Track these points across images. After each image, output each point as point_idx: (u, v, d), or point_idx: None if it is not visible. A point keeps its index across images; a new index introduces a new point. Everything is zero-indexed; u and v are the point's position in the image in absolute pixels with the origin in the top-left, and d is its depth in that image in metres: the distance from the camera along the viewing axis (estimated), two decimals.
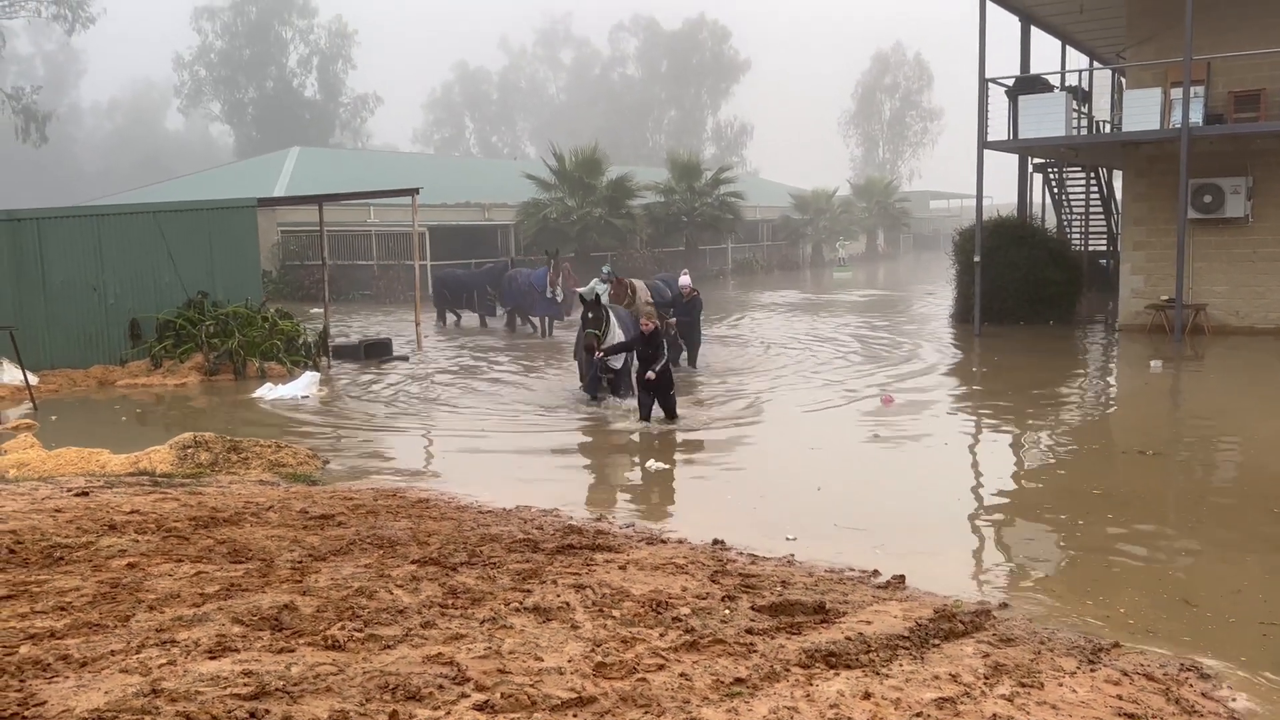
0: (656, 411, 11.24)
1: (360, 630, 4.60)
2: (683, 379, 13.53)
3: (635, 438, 10.66)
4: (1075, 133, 19.54)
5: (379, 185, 27.68)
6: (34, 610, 4.83)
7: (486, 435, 11.13)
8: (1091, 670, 4.51)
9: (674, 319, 14.94)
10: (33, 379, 13.82)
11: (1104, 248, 26.57)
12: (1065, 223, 25.93)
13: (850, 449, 10.23)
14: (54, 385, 14.47)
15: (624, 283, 14.73)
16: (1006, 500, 8.29)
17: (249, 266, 16.94)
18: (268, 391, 13.87)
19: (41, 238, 15.16)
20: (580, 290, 13.62)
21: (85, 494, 7.61)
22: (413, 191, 18.65)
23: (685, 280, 15.83)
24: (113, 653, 4.27)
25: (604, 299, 12.66)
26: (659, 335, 11.44)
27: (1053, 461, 9.67)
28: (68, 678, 4.05)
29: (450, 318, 23.96)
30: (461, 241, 33.61)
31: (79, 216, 16.09)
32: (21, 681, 4.00)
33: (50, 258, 15.21)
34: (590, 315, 11.96)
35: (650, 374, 11.01)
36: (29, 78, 64.71)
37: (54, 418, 12.36)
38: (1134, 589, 5.88)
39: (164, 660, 4.20)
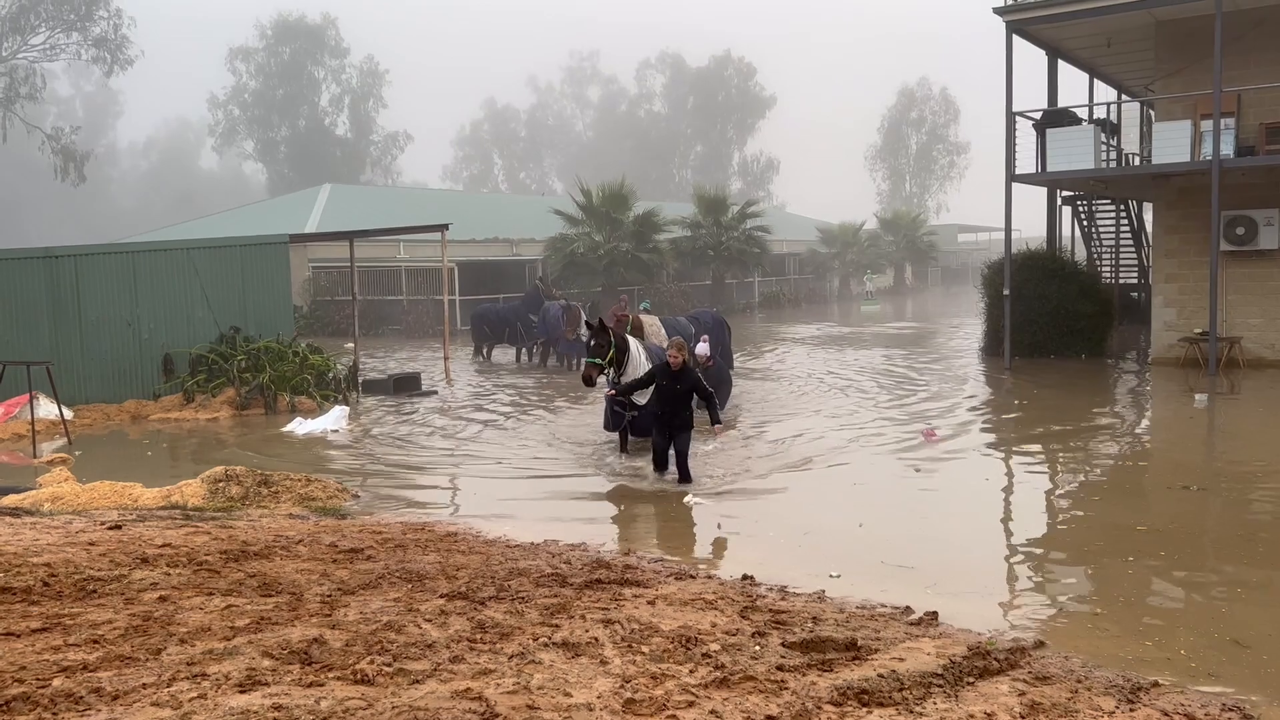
0: (670, 469, 10.06)
1: (389, 665, 4.59)
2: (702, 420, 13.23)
3: (645, 484, 10.08)
4: (1104, 165, 19.47)
5: (409, 221, 28.01)
6: (67, 643, 4.86)
7: (514, 470, 11.13)
8: (1130, 710, 4.41)
9: (711, 361, 13.21)
10: (68, 413, 14.01)
11: (1135, 280, 26.34)
12: (1095, 255, 25.75)
13: (891, 484, 10.06)
14: (88, 419, 14.65)
15: (624, 317, 13.48)
16: (1051, 536, 8.15)
17: (280, 302, 17.14)
18: (298, 425, 13.97)
19: (78, 274, 15.42)
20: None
21: (118, 527, 7.67)
22: (442, 227, 18.85)
23: (703, 349, 13.29)
24: (144, 686, 4.28)
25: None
26: (690, 372, 10.03)
27: (1097, 498, 9.44)
28: (100, 710, 4.06)
29: (485, 351, 23.73)
30: (490, 276, 33.85)
31: (115, 253, 16.37)
32: (55, 714, 4.01)
33: (86, 294, 15.47)
34: (594, 343, 10.51)
35: (625, 398, 10.43)
36: (68, 118, 66.17)
37: (86, 452, 12.50)
38: (1183, 628, 5.76)
39: (194, 694, 4.21)
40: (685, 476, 9.74)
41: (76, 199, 63.78)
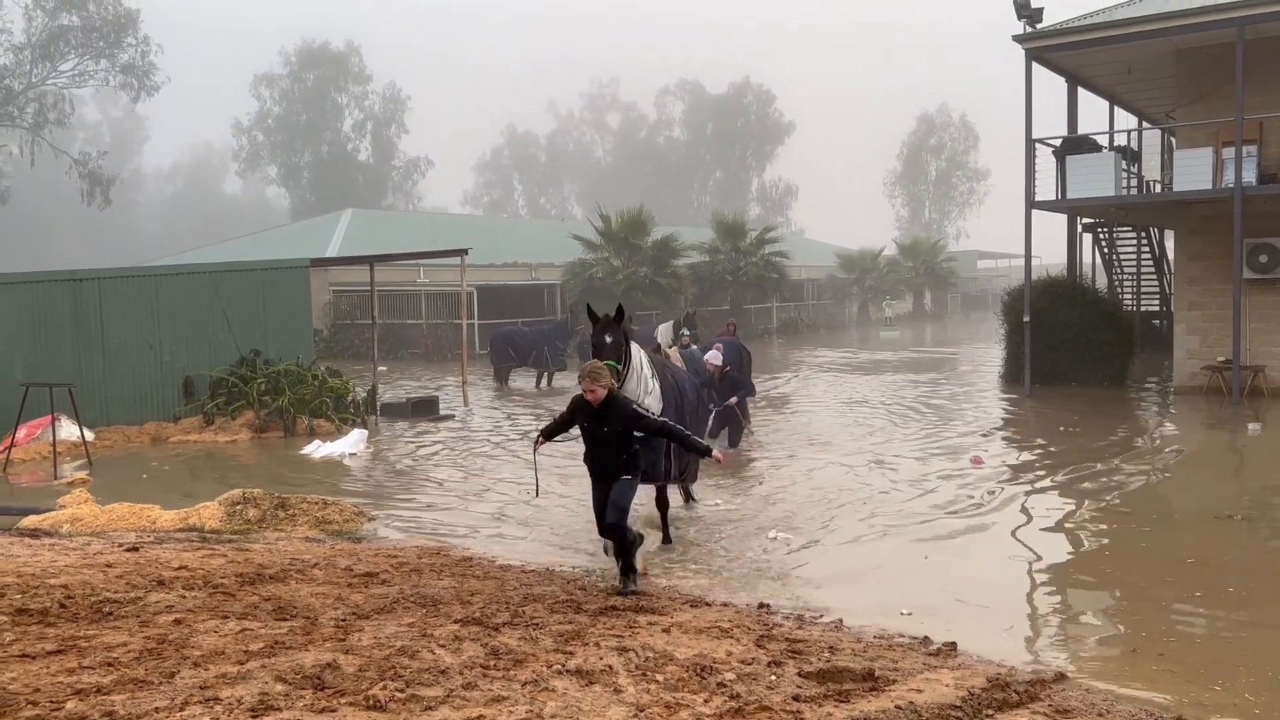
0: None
1: (402, 690, 4.57)
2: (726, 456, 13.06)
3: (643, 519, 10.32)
4: (1125, 193, 19.38)
5: (429, 246, 28.19)
6: (82, 665, 4.87)
7: (528, 495, 11.10)
8: None
9: (725, 369, 13.43)
10: (89, 435, 14.10)
11: (1157, 308, 26.16)
12: (1116, 282, 25.61)
13: (938, 515, 9.80)
14: (109, 441, 14.75)
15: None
16: (1099, 570, 7.94)
17: (301, 325, 17.24)
18: (316, 449, 14.01)
19: (102, 297, 15.58)
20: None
21: (135, 549, 7.70)
22: (462, 252, 18.94)
23: (714, 357, 13.27)
24: (157, 709, 4.27)
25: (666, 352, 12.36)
26: (621, 406, 8.01)
27: (1147, 529, 9.20)
28: None
29: (505, 376, 23.17)
30: (509, 301, 33.98)
31: (138, 276, 16.54)
32: None
33: (109, 316, 15.61)
34: (610, 339, 7.90)
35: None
36: (95, 143, 67.16)
37: (105, 474, 12.57)
38: (1242, 667, 5.59)
39: (207, 718, 4.20)
40: (620, 539, 7.03)
41: (102, 223, 64.55)
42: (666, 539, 8.64)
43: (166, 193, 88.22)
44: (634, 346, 8.23)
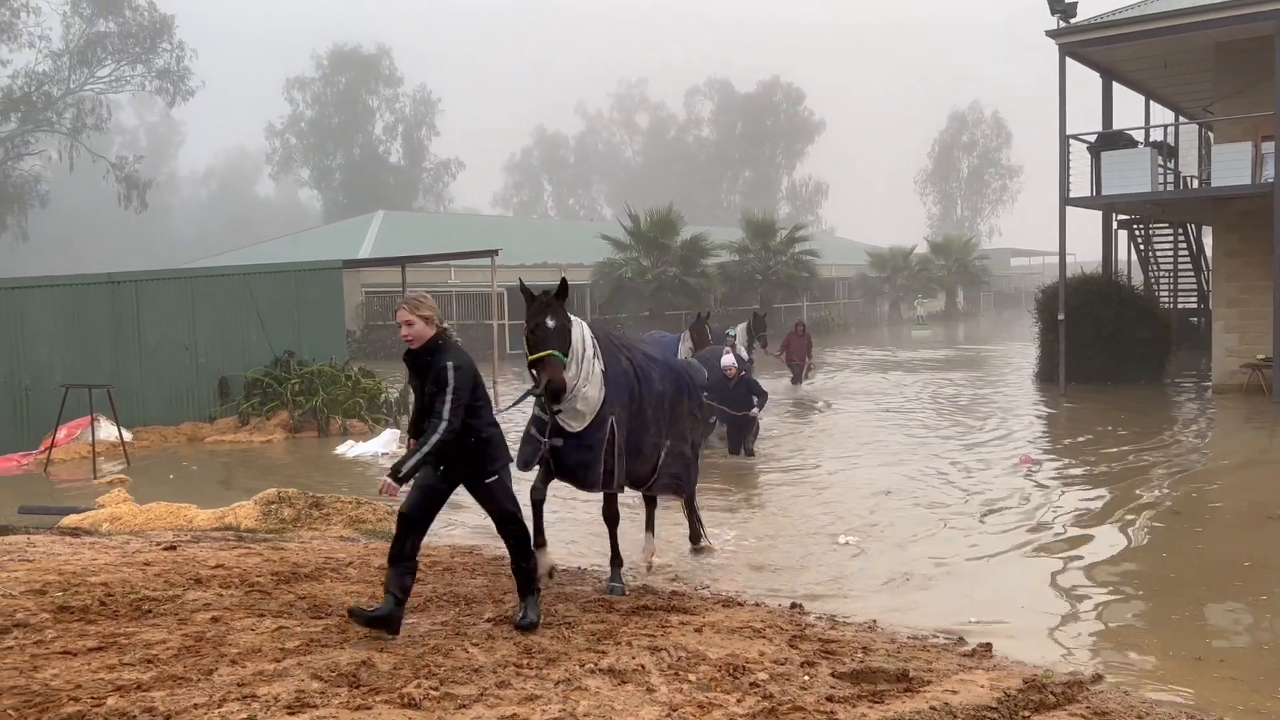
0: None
1: (436, 689, 4.59)
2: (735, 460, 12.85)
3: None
4: (1161, 188, 19.14)
5: (460, 247, 28.32)
6: (122, 662, 4.93)
7: (559, 494, 11.12)
8: None
9: (740, 372, 13.13)
10: (127, 435, 14.31)
11: (1194, 305, 25.80)
12: (1153, 280, 25.28)
13: (989, 515, 9.63)
14: (146, 441, 14.95)
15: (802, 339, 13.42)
16: (1155, 572, 7.76)
17: (334, 326, 17.40)
18: (349, 448, 14.13)
19: (139, 299, 15.80)
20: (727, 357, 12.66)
21: (173, 548, 7.79)
22: (492, 253, 19.03)
23: (729, 360, 12.88)
24: (195, 706, 4.32)
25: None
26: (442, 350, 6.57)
27: (1199, 529, 9.03)
28: None
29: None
30: None
31: (173, 279, 16.75)
32: None
33: (146, 318, 15.82)
34: (554, 324, 6.32)
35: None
36: (132, 148, 68.06)
37: (143, 473, 12.74)
38: None
39: (244, 715, 4.24)
40: (517, 560, 5.81)
41: (139, 226, 65.46)
42: (615, 562, 6.90)
43: (201, 196, 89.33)
44: (577, 325, 6.64)
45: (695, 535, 8.25)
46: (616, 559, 6.91)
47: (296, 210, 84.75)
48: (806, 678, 4.95)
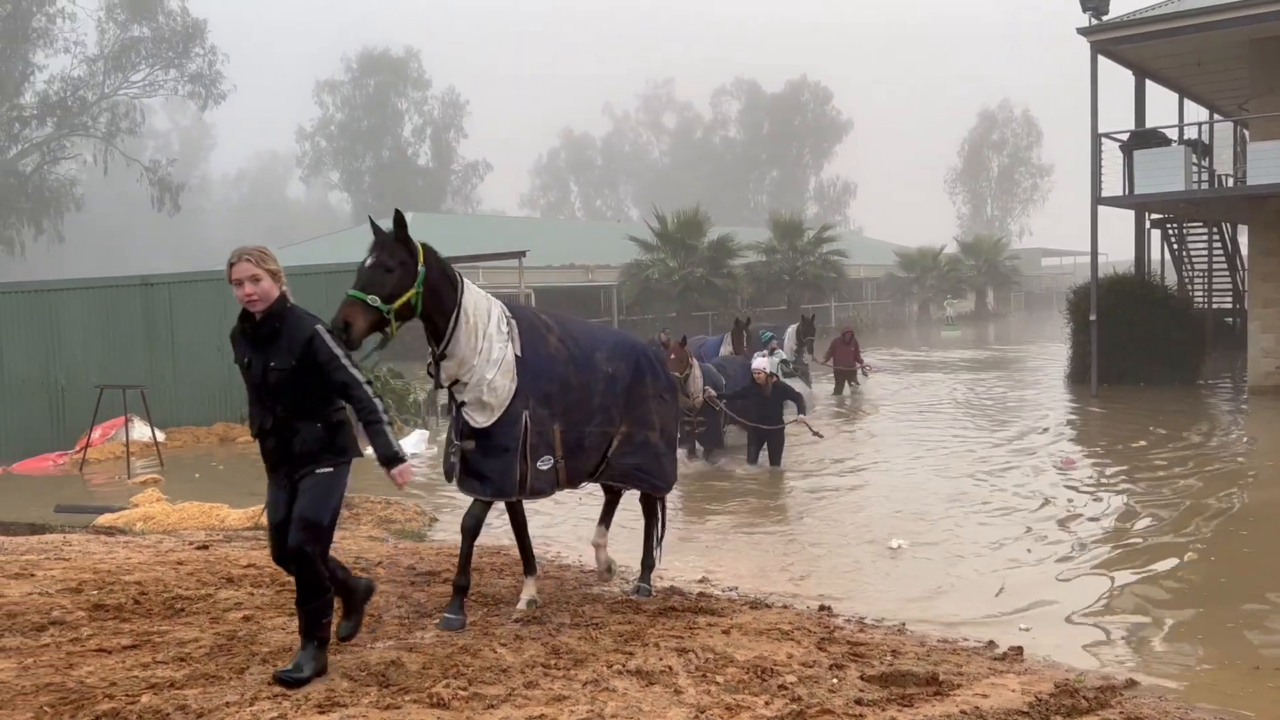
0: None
1: (464, 689, 4.61)
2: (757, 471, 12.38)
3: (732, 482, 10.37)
4: (1195, 187, 18.89)
5: (488, 248, 28.39)
6: (155, 660, 4.99)
7: (585, 495, 11.13)
8: None
9: (772, 377, 12.51)
10: (160, 436, 14.48)
11: (1229, 305, 25.45)
12: (1187, 280, 24.95)
13: (1032, 517, 9.50)
14: (179, 442, 15.12)
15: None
16: (1206, 576, 7.63)
17: None
18: None
19: (172, 301, 15.98)
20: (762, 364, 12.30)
21: (205, 547, 7.88)
22: (519, 254, 19.09)
23: (760, 363, 12.50)
24: (227, 704, 4.36)
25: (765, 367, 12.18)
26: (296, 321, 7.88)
27: (1245, 532, 8.85)
28: None
29: None
30: (566, 302, 34.17)
31: (206, 281, 16.92)
32: None
33: (179, 320, 16.00)
34: (380, 262, 5.56)
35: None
36: (165, 151, 68.90)
37: (176, 473, 12.89)
38: None
39: (275, 714, 4.28)
40: (309, 577, 4.70)
41: (172, 228, 66.22)
42: (529, 569, 6.29)
43: (233, 199, 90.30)
44: (470, 290, 5.78)
45: (648, 557, 6.85)
46: (462, 578, 5.84)
47: (326, 212, 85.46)
48: (835, 680, 4.93)
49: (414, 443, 14.33)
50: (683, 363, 11.89)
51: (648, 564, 6.86)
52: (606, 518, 7.27)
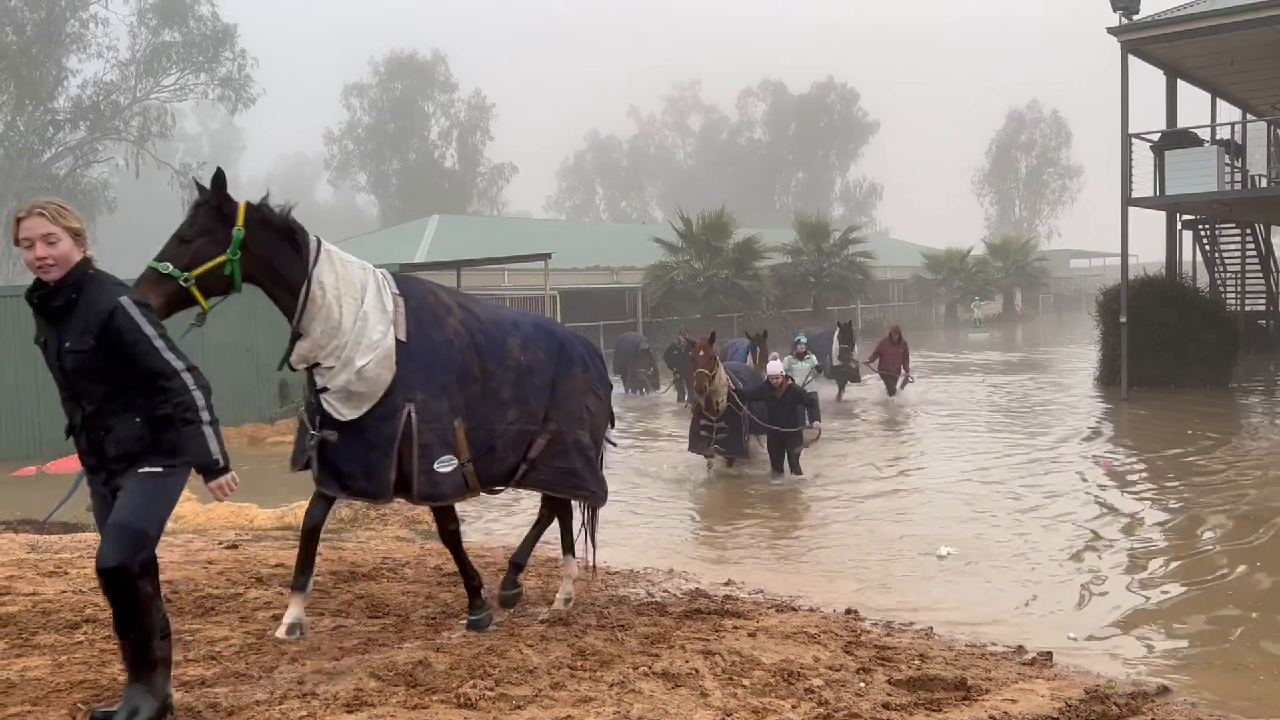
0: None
1: (491, 689, 4.63)
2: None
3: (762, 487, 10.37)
4: (1228, 188, 18.66)
5: (513, 251, 28.52)
6: (186, 658, 5.04)
7: (614, 497, 11.14)
8: None
9: (787, 380, 12.22)
10: None
11: (1263, 308, 25.11)
12: (1219, 281, 24.64)
13: (1073, 523, 9.43)
14: None
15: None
16: (1256, 590, 7.46)
17: None
18: None
19: None
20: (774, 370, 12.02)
21: (235, 547, 7.95)
22: (545, 256, 19.15)
23: (775, 367, 12.30)
24: (257, 703, 4.40)
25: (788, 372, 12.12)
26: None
27: None
28: None
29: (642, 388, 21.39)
30: (591, 304, 34.22)
31: None
32: None
33: (210, 322, 16.09)
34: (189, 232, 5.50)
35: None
36: (195, 155, 69.62)
37: None
38: None
39: (304, 713, 4.31)
40: (126, 600, 3.80)
41: None
42: (471, 592, 5.66)
43: None
44: (333, 259, 5.24)
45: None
46: (300, 579, 5.33)
47: (354, 215, 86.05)
48: (862, 684, 4.91)
49: None
50: (711, 361, 11.68)
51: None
52: (567, 543, 6.48)
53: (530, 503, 10.98)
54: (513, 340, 5.62)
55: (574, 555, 6.41)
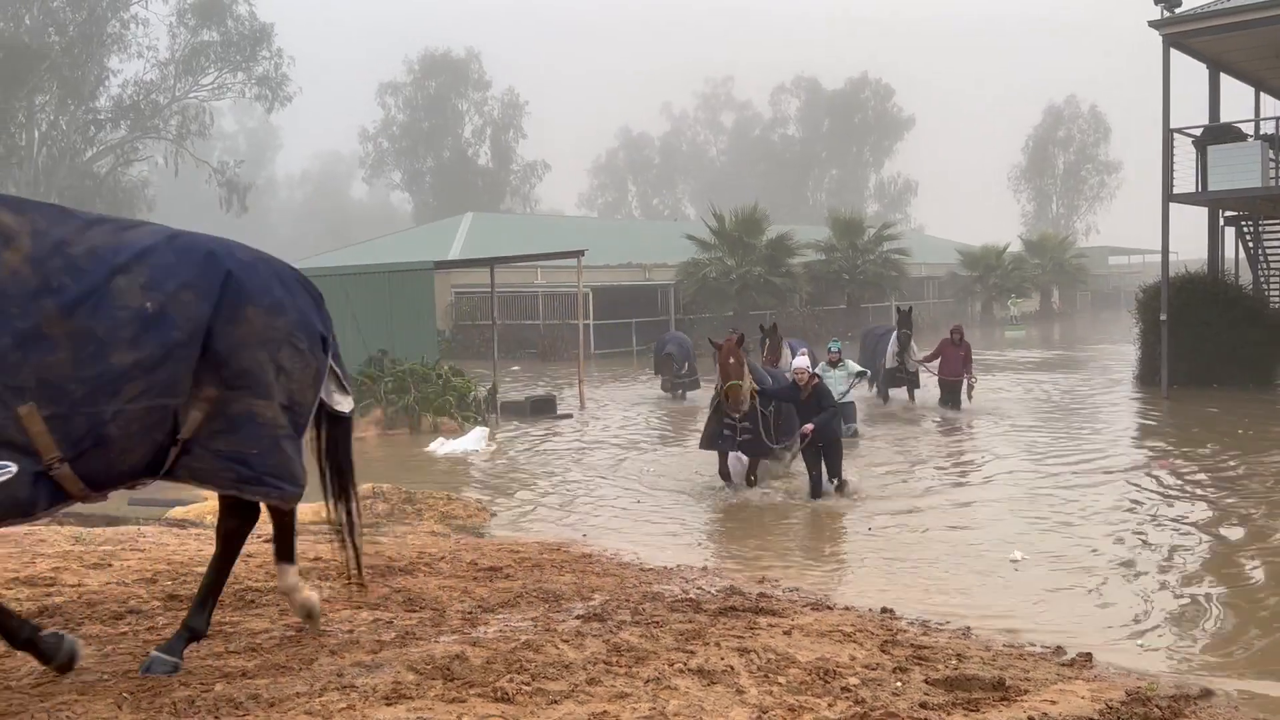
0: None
1: (528, 684, 4.65)
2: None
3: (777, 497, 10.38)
4: (1273, 183, 18.32)
5: (546, 248, 28.62)
6: (228, 650, 5.11)
7: (647, 492, 11.16)
8: None
9: (814, 379, 11.03)
10: None
11: None
12: (1262, 279, 24.20)
13: (1136, 526, 9.31)
14: None
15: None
16: None
17: (425, 326, 17.75)
18: (440, 445, 14.40)
19: None
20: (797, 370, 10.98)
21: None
22: (578, 253, 19.18)
23: (801, 362, 11.33)
24: (297, 695, 4.45)
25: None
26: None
27: None
28: (257, 716, 4.25)
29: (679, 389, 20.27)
30: (624, 301, 34.25)
31: None
32: (217, 718, 4.22)
33: None
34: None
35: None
36: (232, 153, 70.46)
37: None
38: None
39: (344, 704, 4.35)
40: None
41: (239, 228, 67.40)
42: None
43: (297, 199, 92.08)
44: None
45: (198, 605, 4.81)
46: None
47: (388, 212, 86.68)
48: (899, 684, 4.88)
49: (475, 439, 14.48)
50: (741, 368, 10.59)
51: (192, 626, 4.70)
52: (282, 549, 5.05)
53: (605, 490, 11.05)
54: (125, 278, 4.01)
55: (290, 562, 5.02)
